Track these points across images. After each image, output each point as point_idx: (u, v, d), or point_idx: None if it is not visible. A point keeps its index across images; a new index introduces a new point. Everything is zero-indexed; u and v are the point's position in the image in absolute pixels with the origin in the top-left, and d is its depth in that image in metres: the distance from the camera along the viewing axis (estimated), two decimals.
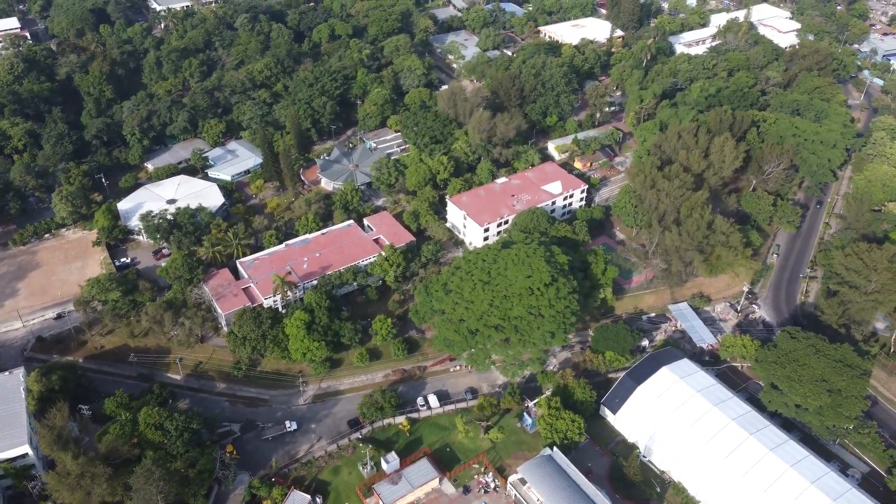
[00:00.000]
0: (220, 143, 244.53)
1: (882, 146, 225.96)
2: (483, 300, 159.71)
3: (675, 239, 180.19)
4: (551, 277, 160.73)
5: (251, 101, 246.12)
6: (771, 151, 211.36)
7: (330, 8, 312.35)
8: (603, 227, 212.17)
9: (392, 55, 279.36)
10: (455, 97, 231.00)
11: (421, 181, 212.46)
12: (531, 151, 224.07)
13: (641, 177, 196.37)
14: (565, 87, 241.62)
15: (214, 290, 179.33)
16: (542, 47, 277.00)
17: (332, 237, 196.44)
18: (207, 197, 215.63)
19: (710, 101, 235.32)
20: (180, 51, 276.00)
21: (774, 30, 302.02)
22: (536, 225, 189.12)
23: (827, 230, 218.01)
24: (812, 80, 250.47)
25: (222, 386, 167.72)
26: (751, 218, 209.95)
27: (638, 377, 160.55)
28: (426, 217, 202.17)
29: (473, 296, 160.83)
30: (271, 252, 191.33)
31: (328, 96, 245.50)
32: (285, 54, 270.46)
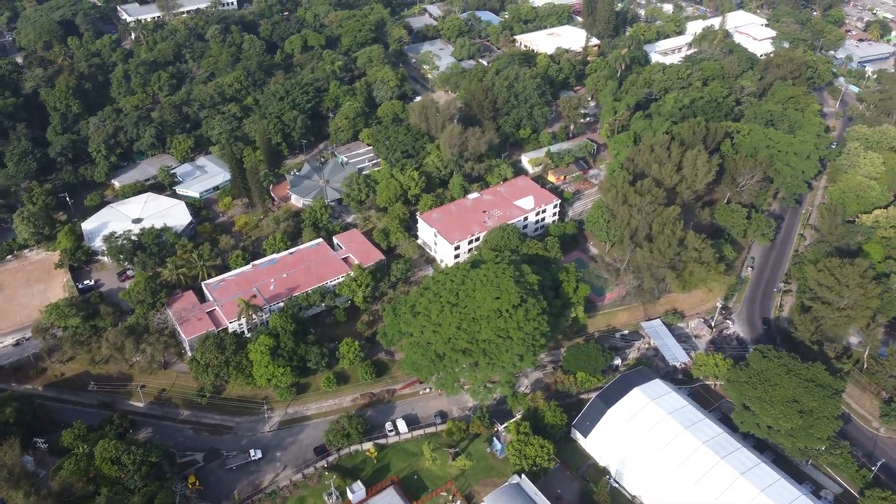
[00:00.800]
0: (189, 158, 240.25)
1: (856, 156, 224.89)
2: (451, 323, 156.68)
3: (646, 256, 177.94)
4: (520, 298, 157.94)
5: (220, 116, 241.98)
6: (744, 164, 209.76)
7: (303, 18, 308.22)
8: (576, 241, 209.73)
9: (365, 66, 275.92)
10: (427, 110, 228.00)
11: (392, 197, 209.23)
12: (504, 165, 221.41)
13: (613, 192, 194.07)
14: (538, 99, 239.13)
15: (178, 313, 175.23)
16: (517, 57, 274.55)
17: (300, 256, 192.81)
18: (174, 215, 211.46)
19: (685, 111, 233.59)
20: (149, 64, 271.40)
21: (750, 37, 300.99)
22: (507, 243, 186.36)
23: (802, 242, 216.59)
24: (786, 89, 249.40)
25: (186, 413, 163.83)
26: (725, 231, 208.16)
27: (609, 399, 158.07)
28: (396, 234, 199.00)
29: (441, 318, 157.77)
30: (238, 273, 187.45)
31: (299, 110, 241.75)
32: (256, 66, 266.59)
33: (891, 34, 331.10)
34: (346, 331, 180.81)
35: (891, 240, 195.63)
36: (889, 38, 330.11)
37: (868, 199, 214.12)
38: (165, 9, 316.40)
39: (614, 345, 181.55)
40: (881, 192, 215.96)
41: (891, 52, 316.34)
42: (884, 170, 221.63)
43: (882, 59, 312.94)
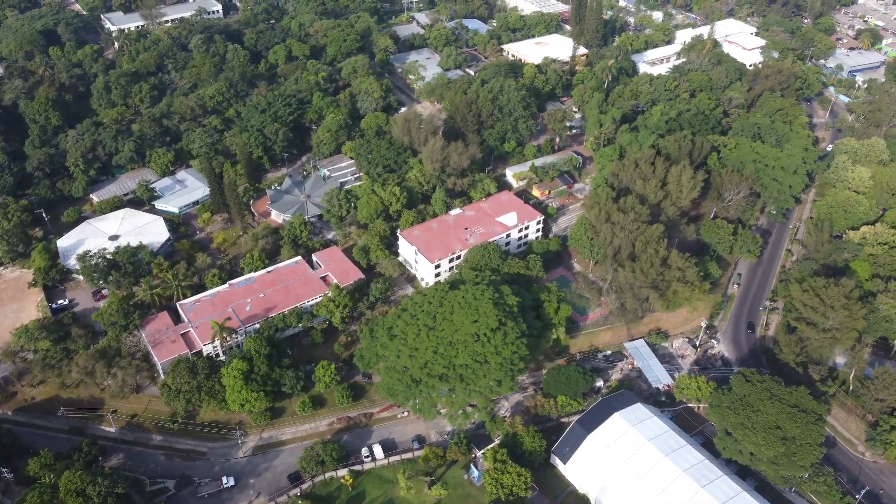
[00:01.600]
0: (169, 172, 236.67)
1: (844, 170, 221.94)
2: (427, 347, 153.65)
3: (628, 276, 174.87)
4: (499, 322, 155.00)
5: (201, 129, 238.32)
6: (730, 179, 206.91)
7: (288, 27, 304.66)
8: (560, 258, 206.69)
9: (350, 77, 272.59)
10: (409, 124, 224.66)
11: (373, 213, 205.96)
12: (487, 180, 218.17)
13: (596, 209, 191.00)
14: (523, 112, 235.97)
15: (151, 336, 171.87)
16: (504, 67, 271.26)
17: (278, 275, 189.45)
18: (152, 232, 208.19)
19: (671, 124, 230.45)
20: (131, 74, 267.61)
21: (739, 46, 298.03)
22: (488, 261, 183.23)
23: (789, 258, 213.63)
24: (774, 100, 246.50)
25: (158, 438, 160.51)
26: (710, 247, 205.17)
27: (589, 424, 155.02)
28: (377, 252, 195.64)
29: (417, 342, 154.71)
30: (214, 293, 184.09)
31: (281, 122, 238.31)
32: (239, 77, 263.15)
33: (881, 43, 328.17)
34: (324, 352, 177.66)
35: (878, 257, 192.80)
36: (880, 47, 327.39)
37: (856, 214, 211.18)
38: (149, 18, 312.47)
39: (597, 365, 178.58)
40: (869, 207, 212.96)
41: (881, 61, 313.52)
42: (872, 184, 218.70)
43: (873, 68, 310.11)
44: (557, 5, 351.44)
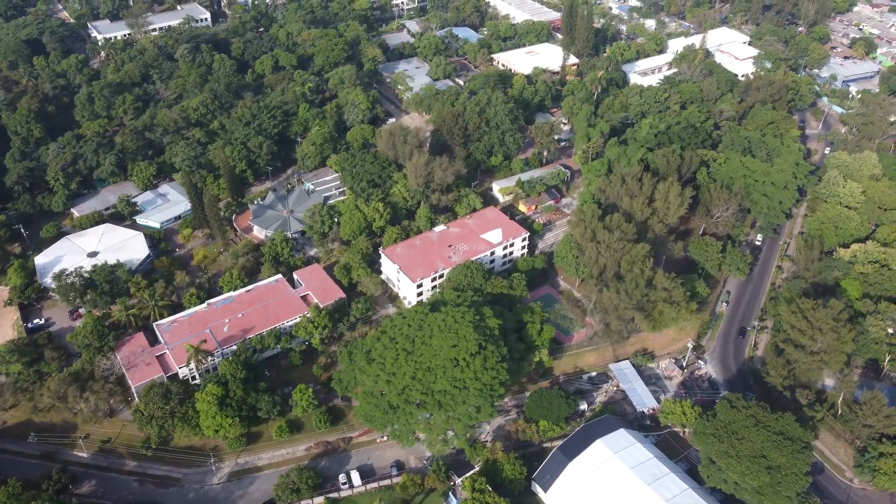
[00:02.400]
0: (151, 185, 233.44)
1: (835, 185, 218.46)
2: (405, 372, 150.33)
3: (612, 298, 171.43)
4: (478, 346, 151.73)
5: (184, 142, 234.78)
6: (718, 196, 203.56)
7: (276, 37, 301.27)
8: (546, 275, 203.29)
9: (337, 88, 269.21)
10: (394, 137, 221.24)
11: (356, 230, 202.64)
12: (472, 195, 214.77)
13: (581, 227, 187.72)
14: (510, 125, 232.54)
15: (126, 358, 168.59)
16: (493, 78, 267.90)
17: (257, 294, 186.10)
18: (131, 248, 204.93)
19: (660, 137, 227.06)
20: (115, 85, 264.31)
21: (731, 56, 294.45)
22: (471, 281, 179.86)
23: (779, 275, 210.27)
24: (766, 113, 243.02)
25: (132, 464, 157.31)
26: (699, 265, 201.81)
27: (570, 451, 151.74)
28: (358, 271, 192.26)
29: (395, 367, 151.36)
30: (192, 313, 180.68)
31: (265, 135, 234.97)
32: (224, 88, 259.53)
33: (876, 52, 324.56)
34: (303, 374, 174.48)
35: (868, 276, 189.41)
36: (874, 56, 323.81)
37: (847, 230, 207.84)
38: (135, 27, 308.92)
39: (581, 388, 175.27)
40: (860, 223, 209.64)
41: (875, 71, 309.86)
42: (863, 199, 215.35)
43: (867, 77, 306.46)
44: (549, 13, 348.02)
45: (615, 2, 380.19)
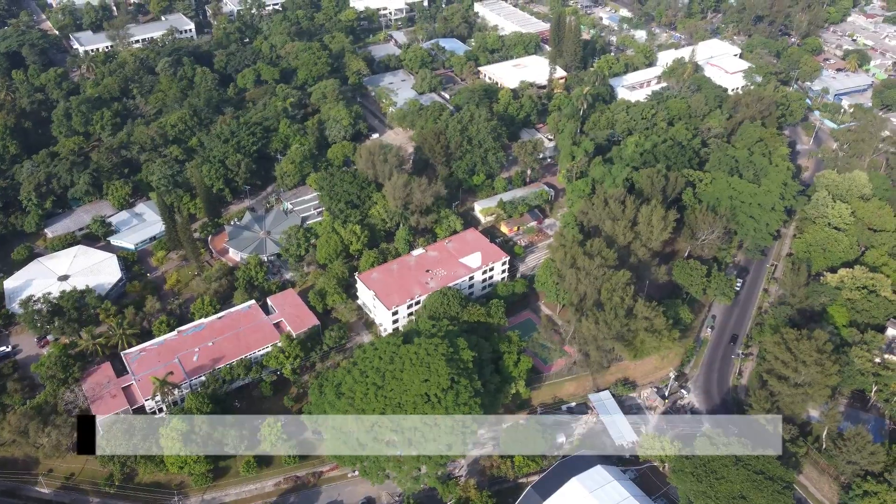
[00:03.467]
0: (128, 204, 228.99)
1: (824, 206, 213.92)
2: (375, 408, 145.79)
3: (591, 328, 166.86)
4: (451, 381, 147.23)
5: (161, 160, 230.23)
6: (703, 219, 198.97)
7: (259, 49, 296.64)
8: (527, 299, 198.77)
9: (319, 102, 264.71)
10: (373, 157, 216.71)
11: (332, 253, 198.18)
12: (453, 217, 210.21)
13: (561, 252, 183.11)
14: (493, 144, 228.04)
15: (91, 390, 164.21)
16: (478, 92, 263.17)
17: (229, 321, 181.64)
18: (104, 271, 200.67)
19: (645, 157, 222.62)
20: (93, 100, 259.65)
21: (721, 70, 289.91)
22: (447, 309, 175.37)
23: (766, 299, 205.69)
24: (754, 130, 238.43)
25: (95, 500, 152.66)
26: (683, 289, 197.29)
27: (545, 490, 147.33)
28: (333, 297, 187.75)
29: (365, 403, 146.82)
30: (161, 341, 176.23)
31: (244, 153, 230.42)
32: (204, 104, 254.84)
33: (869, 64, 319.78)
34: (274, 404, 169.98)
35: (856, 302, 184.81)
36: (868, 68, 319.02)
37: (835, 253, 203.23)
38: (116, 39, 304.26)
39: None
40: (849, 246, 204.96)
41: (869, 84, 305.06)
42: (852, 221, 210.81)
43: (859, 91, 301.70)
44: (538, 24, 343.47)
45: (606, 12, 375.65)
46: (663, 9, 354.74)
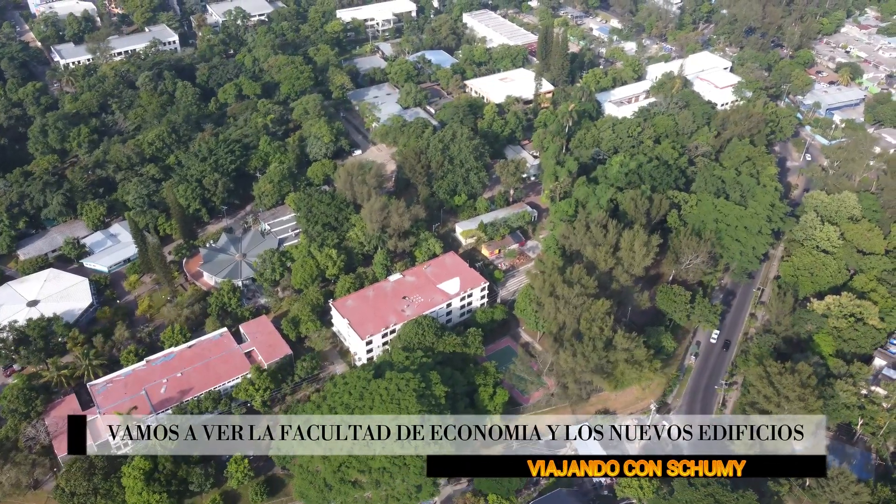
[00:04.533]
0: (104, 224, 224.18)
1: (812, 228, 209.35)
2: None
3: (569, 360, 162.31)
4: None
5: (137, 179, 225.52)
6: (687, 244, 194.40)
7: (241, 63, 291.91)
8: (507, 326, 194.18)
9: (301, 118, 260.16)
10: (352, 177, 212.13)
11: (308, 278, 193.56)
12: (432, 239, 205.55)
13: (540, 280, 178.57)
14: (475, 163, 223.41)
15: (55, 424, 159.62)
16: (462, 108, 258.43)
17: (200, 350, 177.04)
18: (74, 296, 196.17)
19: (630, 177, 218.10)
20: (71, 116, 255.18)
21: (711, 84, 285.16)
22: (422, 339, 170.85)
23: (752, 324, 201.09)
24: (742, 148, 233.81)
25: None
26: (666, 315, 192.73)
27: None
28: (307, 324, 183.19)
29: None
30: (129, 371, 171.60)
31: (221, 172, 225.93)
32: (183, 120, 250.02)
33: (862, 77, 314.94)
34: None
35: (842, 331, 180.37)
36: (861, 81, 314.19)
37: (823, 277, 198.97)
38: (97, 51, 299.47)
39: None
40: (837, 270, 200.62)
41: (861, 98, 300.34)
42: (841, 244, 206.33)
43: (852, 105, 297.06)
44: (527, 36, 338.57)
45: (596, 23, 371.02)
46: (654, 20, 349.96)
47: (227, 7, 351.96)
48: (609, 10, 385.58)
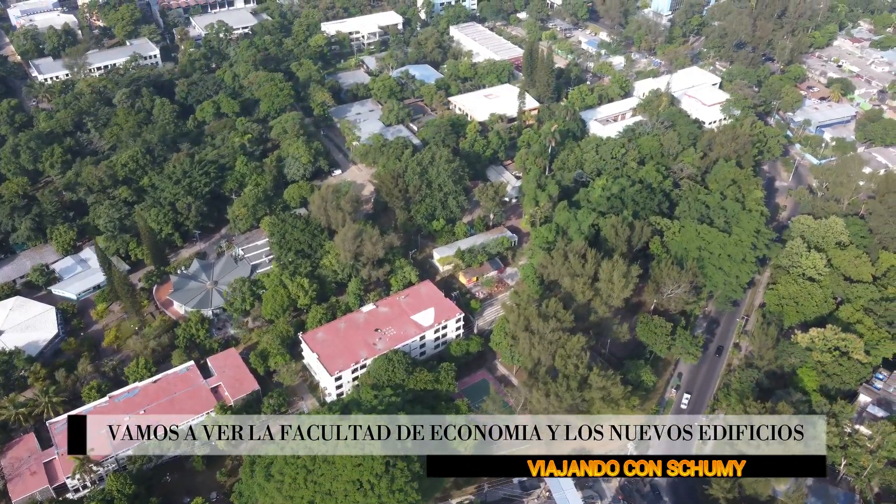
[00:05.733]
0: (75, 248, 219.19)
1: (798, 256, 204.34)
2: (303, 496, 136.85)
3: (542, 401, 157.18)
4: (386, 465, 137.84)
5: (109, 202, 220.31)
6: (668, 273, 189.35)
7: (221, 79, 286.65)
8: (484, 357, 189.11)
9: (280, 137, 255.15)
10: (326, 203, 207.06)
11: (279, 308, 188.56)
12: (408, 267, 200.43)
13: (515, 314, 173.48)
14: (454, 187, 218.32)
15: (11, 465, 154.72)
16: (445, 127, 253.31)
17: (164, 386, 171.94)
18: (40, 326, 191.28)
19: (613, 201, 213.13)
20: (45, 135, 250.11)
21: (698, 102, 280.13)
22: (392, 376, 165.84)
23: (736, 354, 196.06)
24: (728, 170, 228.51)
25: None
26: (647, 348, 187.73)
27: None
28: (276, 358, 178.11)
29: (293, 490, 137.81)
30: (90, 408, 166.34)
31: (195, 195, 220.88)
32: (158, 140, 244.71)
33: (854, 93, 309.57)
34: (208, 478, 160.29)
35: (826, 365, 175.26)
36: (852, 97, 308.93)
37: (808, 307, 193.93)
38: (74, 67, 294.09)
39: (511, 494, 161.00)
40: (823, 299, 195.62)
41: (852, 115, 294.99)
42: (827, 271, 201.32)
43: (843, 122, 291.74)
44: (513, 49, 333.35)
45: (586, 36, 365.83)
46: (643, 33, 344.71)
47: (210, 20, 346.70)
48: (598, 23, 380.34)
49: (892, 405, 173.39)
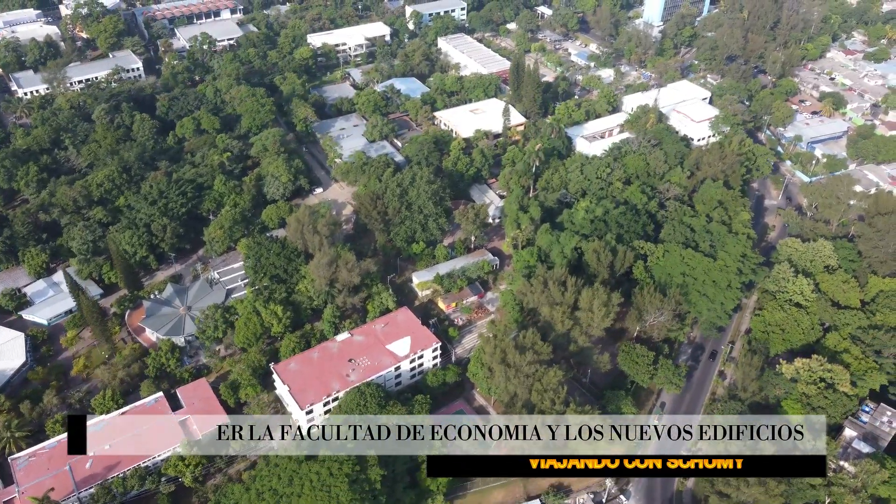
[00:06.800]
0: (46, 271, 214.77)
1: (785, 281, 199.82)
2: None
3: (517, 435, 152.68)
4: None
5: (83, 223, 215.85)
6: (651, 300, 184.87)
7: (203, 94, 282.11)
8: (462, 386, 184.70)
9: (260, 154, 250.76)
10: (302, 226, 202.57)
11: (251, 337, 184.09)
12: (385, 294, 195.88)
13: (491, 345, 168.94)
14: (434, 209, 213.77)
15: None
16: (428, 144, 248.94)
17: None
18: (7, 354, 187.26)
19: (596, 224, 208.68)
20: (21, 153, 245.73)
21: (687, 118, 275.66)
22: (364, 411, 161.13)
23: (720, 384, 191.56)
24: (716, 191, 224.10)
25: None
26: (628, 377, 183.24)
27: None
28: (247, 389, 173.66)
29: None
30: (54, 443, 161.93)
31: (171, 216, 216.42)
32: (136, 158, 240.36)
33: (846, 107, 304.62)
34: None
35: (812, 398, 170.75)
36: (845, 111, 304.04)
37: (794, 335, 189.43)
38: (54, 81, 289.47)
39: None
40: (810, 326, 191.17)
41: (844, 130, 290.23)
42: (815, 297, 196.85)
43: (834, 138, 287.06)
44: (502, 62, 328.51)
45: (576, 47, 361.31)
46: (634, 45, 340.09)
47: (195, 31, 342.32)
48: (589, 34, 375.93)
49: (878, 440, 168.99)
